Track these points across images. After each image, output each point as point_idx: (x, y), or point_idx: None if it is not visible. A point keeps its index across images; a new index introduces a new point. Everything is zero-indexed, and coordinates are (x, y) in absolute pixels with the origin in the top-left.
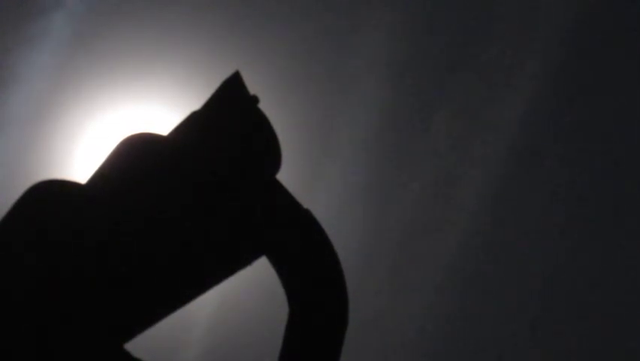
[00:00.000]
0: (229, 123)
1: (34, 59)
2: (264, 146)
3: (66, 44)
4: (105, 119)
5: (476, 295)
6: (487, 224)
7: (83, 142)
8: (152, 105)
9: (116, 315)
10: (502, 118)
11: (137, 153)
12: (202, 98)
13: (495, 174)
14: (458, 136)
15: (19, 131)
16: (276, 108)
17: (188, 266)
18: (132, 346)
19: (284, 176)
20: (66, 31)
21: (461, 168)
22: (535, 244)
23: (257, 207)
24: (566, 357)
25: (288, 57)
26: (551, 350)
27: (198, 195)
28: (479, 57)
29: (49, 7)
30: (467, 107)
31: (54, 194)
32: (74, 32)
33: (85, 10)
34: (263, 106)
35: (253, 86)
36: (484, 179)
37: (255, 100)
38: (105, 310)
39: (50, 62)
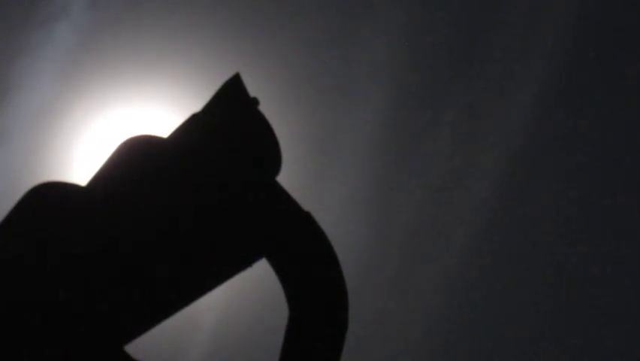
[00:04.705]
0: (229, 125)
1: (38, 67)
2: (264, 148)
3: (69, 53)
4: (106, 122)
5: (480, 297)
6: (491, 227)
7: (86, 146)
8: (152, 108)
9: (117, 317)
10: (506, 121)
11: (137, 155)
12: (202, 100)
13: (498, 177)
14: (461, 139)
15: (22, 137)
16: (277, 110)
17: (188, 268)
18: (138, 347)
19: (285, 178)
20: (69, 40)
21: (465, 171)
22: (538, 247)
23: (257, 208)
24: (568, 358)
25: (289, 59)
26: (554, 352)
27: (198, 197)
28: (482, 61)
29: (52, 17)
30: (470, 111)
31: (54, 196)
32: (77, 41)
33: (88, 19)
34: (263, 108)
35: (253, 88)
36: (488, 182)
37: (255, 102)
38: (105, 312)
39: (53, 71)
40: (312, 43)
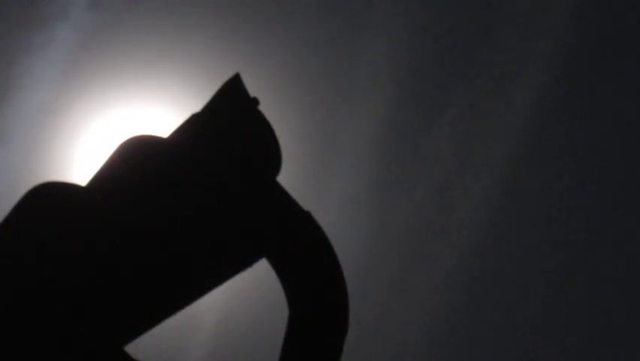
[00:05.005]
0: (229, 125)
1: (38, 67)
2: (264, 148)
3: (69, 53)
4: (106, 122)
5: (480, 297)
6: (490, 228)
7: (86, 146)
8: (152, 108)
9: (116, 317)
10: (504, 124)
11: (138, 155)
12: (202, 100)
13: (497, 180)
14: (460, 142)
15: (22, 137)
16: (277, 110)
17: (188, 268)
18: (139, 347)
19: (285, 178)
20: (70, 40)
21: (464, 173)
22: (536, 248)
23: (257, 208)
24: (568, 358)
25: (289, 59)
26: (554, 352)
27: (198, 197)
28: (482, 61)
29: (53, 18)
30: (469, 113)
31: (54, 196)
32: (78, 41)
33: (89, 19)
34: (263, 108)
35: (253, 88)
36: (487, 184)
37: (255, 102)
38: (104, 312)
39: (53, 71)
40: (312, 44)
